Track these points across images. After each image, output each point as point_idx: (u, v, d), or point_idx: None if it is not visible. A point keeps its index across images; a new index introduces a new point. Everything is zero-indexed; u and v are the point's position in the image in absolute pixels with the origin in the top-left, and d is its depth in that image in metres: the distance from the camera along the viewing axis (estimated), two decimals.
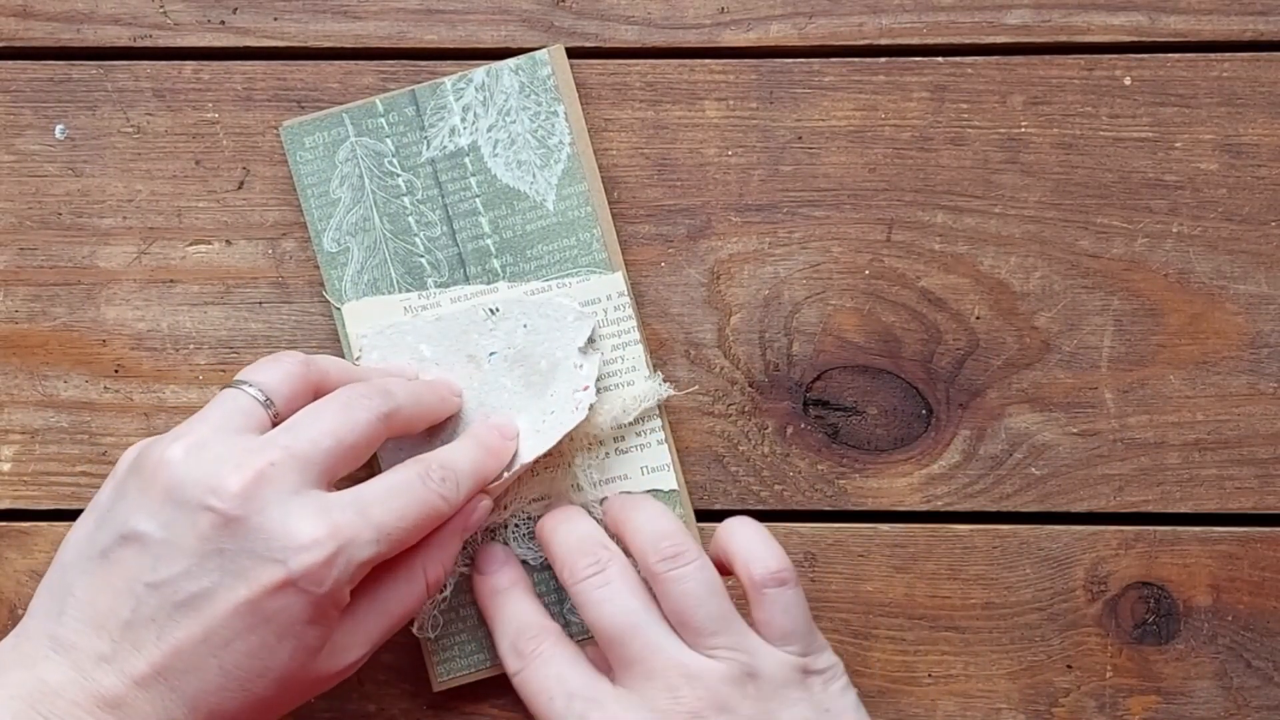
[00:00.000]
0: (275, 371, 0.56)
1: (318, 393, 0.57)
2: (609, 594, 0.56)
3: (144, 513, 0.52)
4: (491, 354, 0.62)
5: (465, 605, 0.62)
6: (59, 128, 0.64)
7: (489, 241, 0.62)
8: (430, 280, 0.62)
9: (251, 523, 0.51)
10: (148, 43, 0.64)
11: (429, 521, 0.55)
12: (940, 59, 0.63)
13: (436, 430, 0.61)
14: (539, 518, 0.61)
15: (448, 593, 0.60)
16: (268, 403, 0.55)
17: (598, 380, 0.61)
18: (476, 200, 0.62)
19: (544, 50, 0.62)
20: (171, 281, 0.64)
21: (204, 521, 0.51)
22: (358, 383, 0.57)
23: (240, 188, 0.64)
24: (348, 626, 0.55)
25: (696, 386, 0.63)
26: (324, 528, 0.52)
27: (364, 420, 0.55)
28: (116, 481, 0.54)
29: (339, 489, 0.54)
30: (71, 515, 0.63)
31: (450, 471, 0.56)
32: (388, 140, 0.62)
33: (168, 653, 0.51)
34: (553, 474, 0.62)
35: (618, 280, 0.62)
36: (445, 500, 0.56)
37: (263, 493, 0.51)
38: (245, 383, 0.55)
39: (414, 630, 0.60)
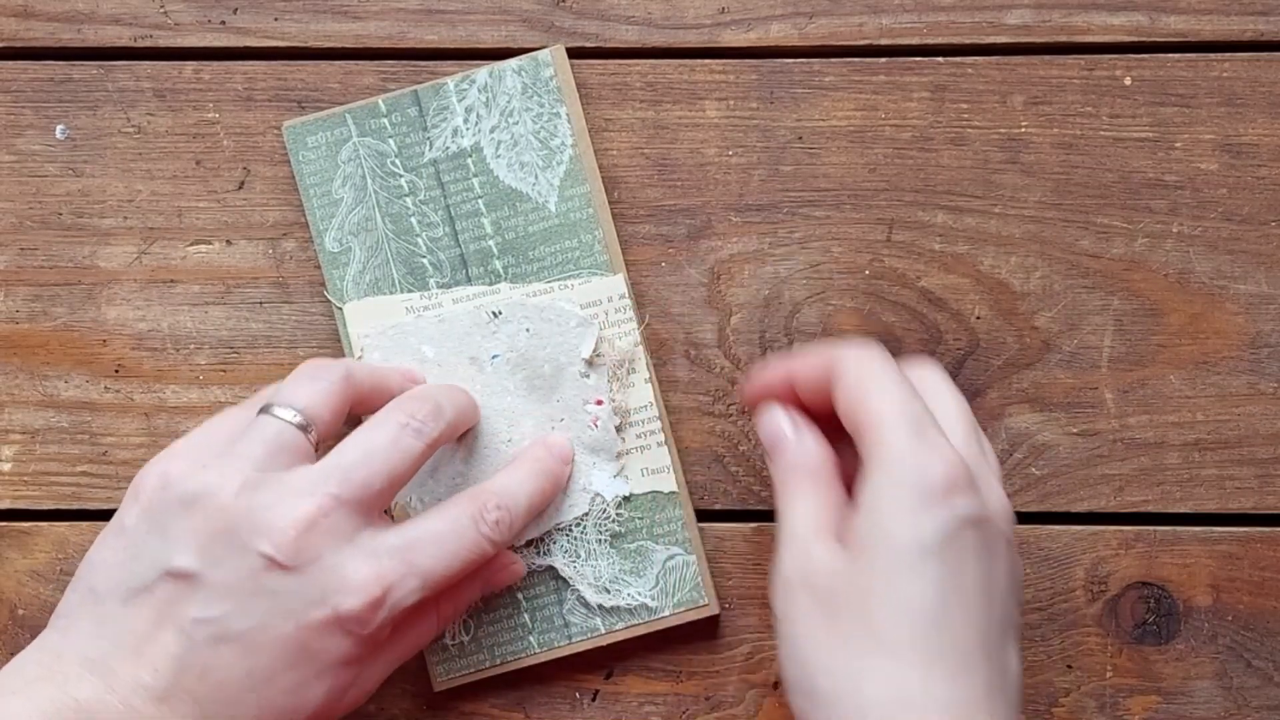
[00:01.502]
0: (312, 392, 0.56)
1: (354, 404, 0.57)
2: None
3: (192, 551, 0.52)
4: (494, 356, 0.62)
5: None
6: (59, 128, 0.64)
7: (491, 242, 0.62)
8: (432, 281, 0.62)
9: (305, 570, 0.52)
10: (148, 43, 0.64)
11: (474, 566, 0.56)
12: (940, 59, 0.63)
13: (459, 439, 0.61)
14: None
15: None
16: (308, 427, 0.55)
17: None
18: (479, 201, 0.62)
19: (546, 51, 0.62)
20: (172, 281, 0.64)
21: (257, 564, 0.51)
22: (404, 401, 0.57)
23: (241, 188, 0.64)
24: (370, 663, 0.55)
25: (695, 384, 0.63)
26: (373, 573, 0.52)
27: (416, 450, 0.55)
28: (148, 509, 0.54)
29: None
30: (72, 515, 0.64)
31: (506, 511, 0.56)
32: (390, 140, 0.62)
33: (211, 687, 0.51)
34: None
35: (619, 282, 0.62)
36: (494, 545, 0.56)
37: (316, 541, 0.52)
38: (283, 406, 0.55)
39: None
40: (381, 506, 0.55)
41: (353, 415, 0.58)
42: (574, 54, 0.63)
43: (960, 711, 0.48)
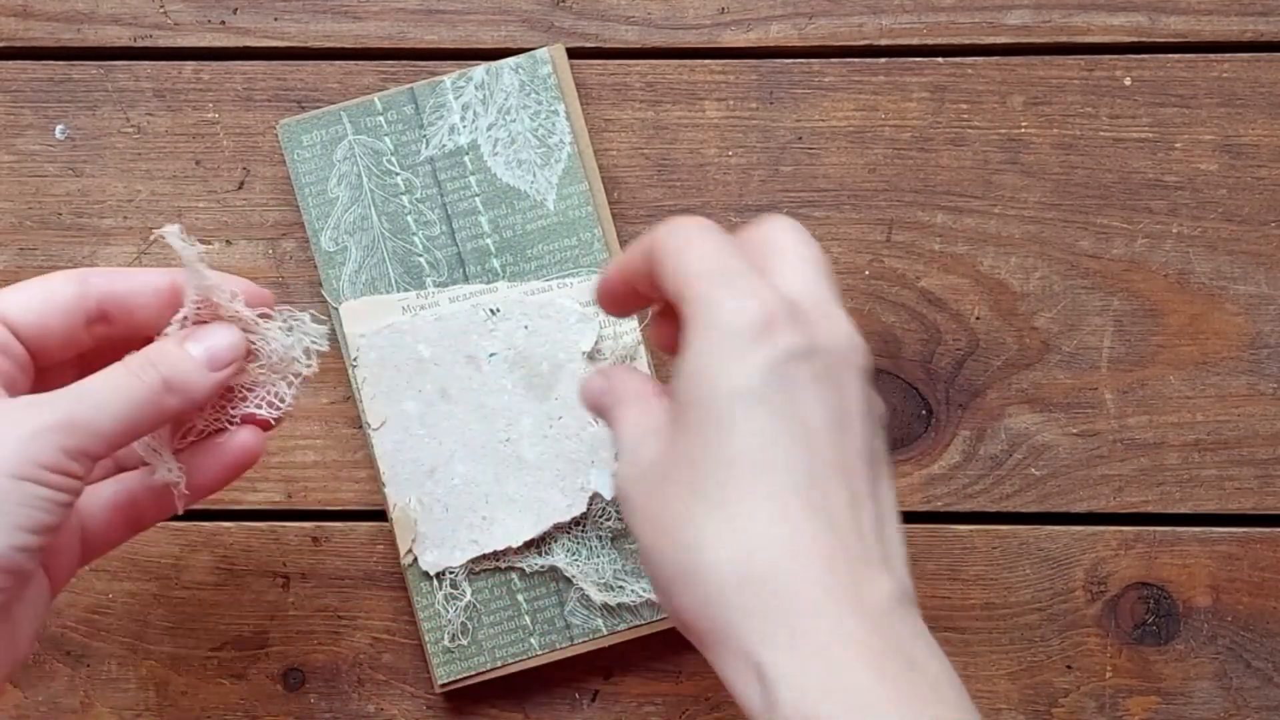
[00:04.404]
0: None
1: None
2: None
3: None
4: (491, 355, 0.62)
5: (465, 607, 0.62)
6: (59, 128, 0.64)
7: (488, 241, 0.62)
8: (429, 280, 0.62)
9: None
10: (148, 43, 0.64)
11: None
12: (940, 59, 0.63)
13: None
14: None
15: (449, 600, 0.60)
16: None
17: None
18: (476, 199, 0.62)
19: (544, 49, 0.62)
20: None
21: None
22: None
23: (240, 188, 0.64)
24: None
25: None
26: None
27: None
28: None
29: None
30: None
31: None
32: (386, 139, 0.62)
33: None
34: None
35: None
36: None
37: None
38: None
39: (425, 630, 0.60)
40: None
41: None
42: (574, 54, 0.63)
43: (819, 547, 0.44)
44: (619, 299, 0.52)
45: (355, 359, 0.62)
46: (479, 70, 0.62)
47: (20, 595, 0.50)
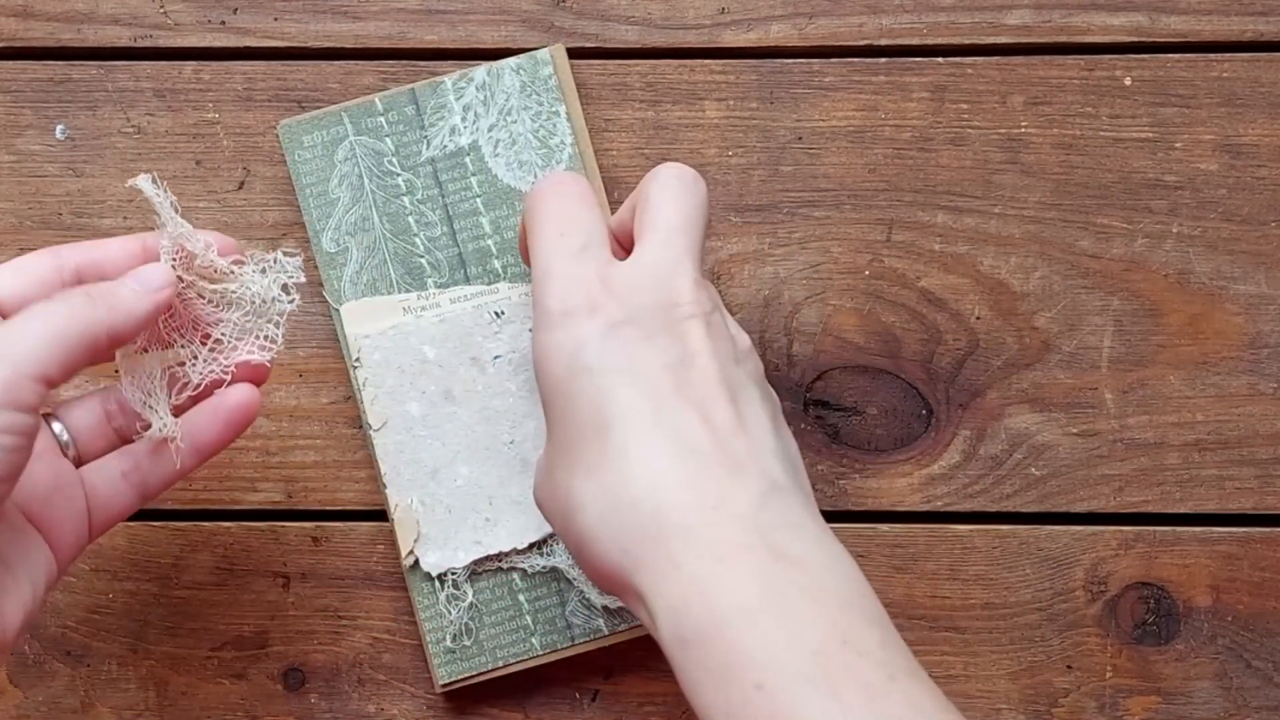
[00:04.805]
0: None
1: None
2: None
3: None
4: (496, 357, 0.62)
5: (468, 607, 0.62)
6: (59, 128, 0.64)
7: (490, 242, 0.62)
8: (430, 280, 0.62)
9: None
10: (148, 43, 0.64)
11: None
12: (940, 59, 0.63)
13: None
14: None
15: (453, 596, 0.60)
16: None
17: None
18: (477, 200, 0.62)
19: (545, 49, 0.62)
20: None
21: None
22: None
23: (240, 188, 0.64)
24: None
25: None
26: None
27: None
28: None
29: None
30: None
31: None
32: (387, 139, 0.62)
33: None
34: None
35: None
36: None
37: None
38: None
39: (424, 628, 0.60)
40: None
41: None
42: (574, 54, 0.63)
43: (676, 473, 0.47)
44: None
45: (357, 359, 0.62)
46: (480, 71, 0.62)
47: None
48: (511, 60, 0.62)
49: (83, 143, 0.64)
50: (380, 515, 0.63)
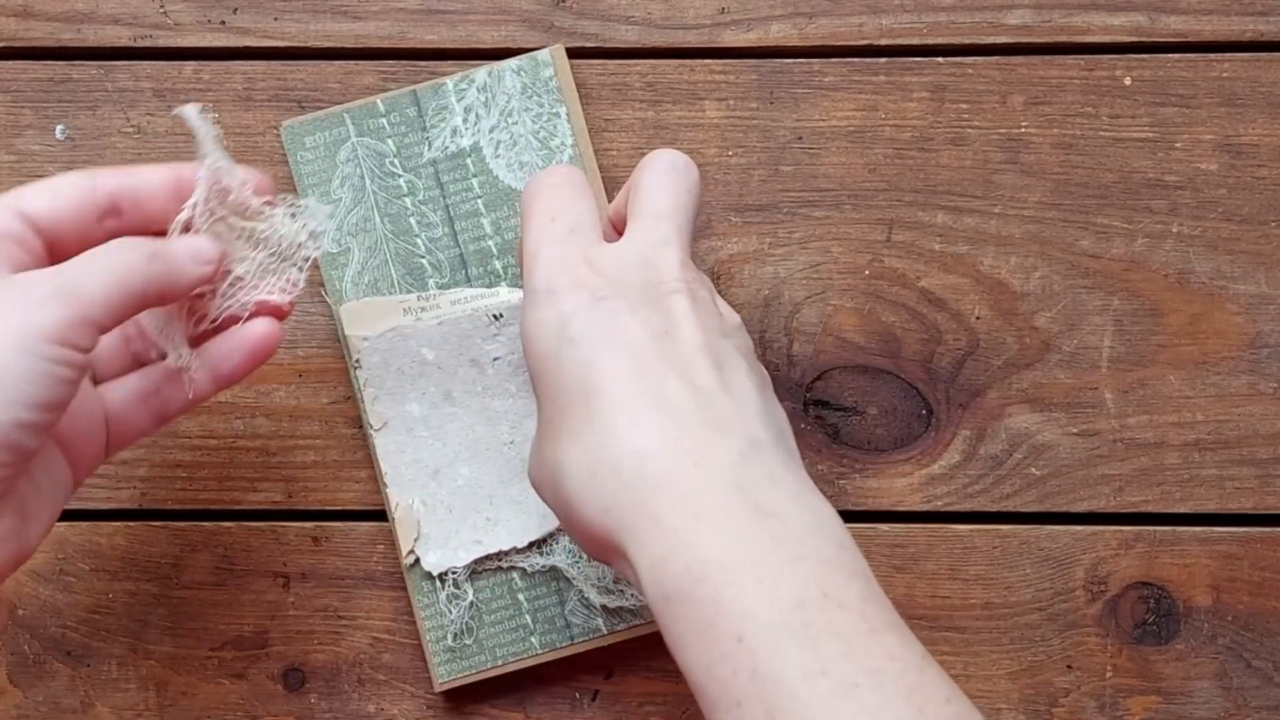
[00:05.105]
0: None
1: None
2: None
3: None
4: (495, 359, 0.61)
5: (468, 607, 0.62)
6: (59, 128, 0.64)
7: (491, 243, 0.62)
8: (431, 281, 0.62)
9: None
10: (148, 43, 0.64)
11: None
12: (940, 59, 0.63)
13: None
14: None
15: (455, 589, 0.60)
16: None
17: None
18: (478, 201, 0.62)
19: (546, 50, 0.62)
20: None
21: None
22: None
23: None
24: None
25: None
26: None
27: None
28: None
29: None
30: (72, 515, 0.64)
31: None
32: (389, 140, 0.62)
33: None
34: None
35: None
36: None
37: None
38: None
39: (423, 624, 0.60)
40: None
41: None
42: (574, 54, 0.63)
43: (657, 434, 0.48)
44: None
45: (357, 361, 0.62)
46: (481, 72, 0.62)
47: (27, 475, 0.51)
48: (512, 61, 0.62)
49: (83, 143, 0.64)
50: (380, 515, 0.63)
